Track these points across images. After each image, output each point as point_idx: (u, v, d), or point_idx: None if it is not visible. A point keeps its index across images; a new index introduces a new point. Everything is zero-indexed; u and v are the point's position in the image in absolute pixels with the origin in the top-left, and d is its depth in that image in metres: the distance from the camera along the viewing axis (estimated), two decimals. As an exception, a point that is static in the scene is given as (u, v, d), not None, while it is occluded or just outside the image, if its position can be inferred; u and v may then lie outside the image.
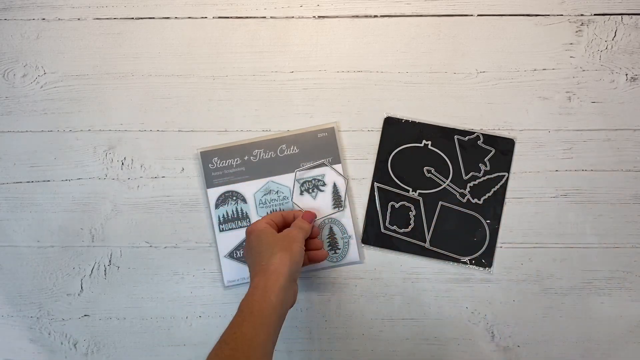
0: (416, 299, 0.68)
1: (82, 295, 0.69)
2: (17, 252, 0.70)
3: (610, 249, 0.67)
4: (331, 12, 0.70)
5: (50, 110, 0.71)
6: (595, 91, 0.68)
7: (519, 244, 0.68)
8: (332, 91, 0.70)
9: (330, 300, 0.69)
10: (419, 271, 0.68)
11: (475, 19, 0.70)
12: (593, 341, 0.67)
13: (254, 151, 0.69)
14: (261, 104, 0.70)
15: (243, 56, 0.70)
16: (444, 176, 0.69)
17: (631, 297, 0.67)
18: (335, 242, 0.68)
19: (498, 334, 0.67)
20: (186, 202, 0.69)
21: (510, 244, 0.68)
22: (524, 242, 0.68)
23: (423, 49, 0.70)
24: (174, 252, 0.69)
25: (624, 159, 0.68)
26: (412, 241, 0.68)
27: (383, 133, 0.69)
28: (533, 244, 0.68)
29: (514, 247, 0.68)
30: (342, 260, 0.68)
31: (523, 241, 0.68)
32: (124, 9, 0.71)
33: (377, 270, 0.68)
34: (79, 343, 0.69)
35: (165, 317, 0.69)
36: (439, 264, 0.68)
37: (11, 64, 0.71)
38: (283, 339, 0.68)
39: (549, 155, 0.68)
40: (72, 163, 0.70)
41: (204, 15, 0.71)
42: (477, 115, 0.69)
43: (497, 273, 0.68)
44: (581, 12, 0.69)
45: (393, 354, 0.68)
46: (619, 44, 0.69)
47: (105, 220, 0.70)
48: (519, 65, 0.69)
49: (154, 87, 0.70)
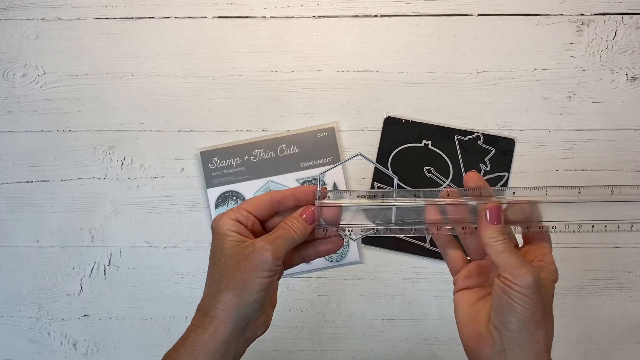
0: (416, 299, 0.68)
1: (82, 295, 0.69)
2: (16, 252, 0.70)
3: (611, 249, 0.67)
4: (331, 12, 0.70)
5: (49, 110, 0.70)
6: (596, 91, 0.68)
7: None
8: (332, 91, 0.70)
9: (330, 300, 0.68)
10: (419, 271, 0.68)
11: (476, 19, 0.70)
12: (593, 341, 0.67)
13: (253, 151, 0.69)
14: (261, 104, 0.70)
15: (243, 56, 0.70)
16: (444, 176, 0.69)
17: (631, 297, 0.67)
18: (335, 242, 0.68)
19: (498, 334, 0.67)
20: (186, 202, 0.69)
21: (510, 244, 0.68)
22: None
23: (423, 49, 0.70)
24: (174, 252, 0.69)
25: (624, 159, 0.68)
26: (412, 241, 0.68)
27: (383, 133, 0.69)
28: (533, 244, 0.68)
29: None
30: (342, 260, 0.68)
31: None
32: (123, 8, 0.71)
33: (377, 270, 0.68)
34: (78, 343, 0.69)
35: (165, 317, 0.69)
36: (439, 264, 0.68)
37: (11, 63, 0.71)
38: (283, 339, 0.68)
39: (549, 155, 0.68)
40: (72, 163, 0.70)
41: (203, 15, 0.71)
42: (477, 115, 0.69)
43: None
44: (581, 12, 0.69)
45: (393, 354, 0.68)
46: (620, 43, 0.69)
47: (105, 220, 0.70)
48: (519, 65, 0.69)
49: (153, 86, 0.70)
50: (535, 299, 0.36)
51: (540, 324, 0.37)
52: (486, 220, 0.39)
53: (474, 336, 0.40)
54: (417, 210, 0.42)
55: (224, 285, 0.39)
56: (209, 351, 0.38)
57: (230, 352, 0.40)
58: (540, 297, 0.37)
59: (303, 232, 0.41)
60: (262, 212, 0.42)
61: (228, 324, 0.39)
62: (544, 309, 0.37)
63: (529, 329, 0.37)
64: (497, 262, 0.38)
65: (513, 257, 0.37)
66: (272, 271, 0.39)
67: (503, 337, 0.38)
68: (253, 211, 0.42)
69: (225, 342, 0.39)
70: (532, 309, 0.36)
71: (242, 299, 0.38)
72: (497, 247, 0.38)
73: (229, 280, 0.39)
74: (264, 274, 0.38)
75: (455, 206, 0.41)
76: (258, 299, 0.39)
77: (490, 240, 0.39)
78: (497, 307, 0.38)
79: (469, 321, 0.41)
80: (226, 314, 0.38)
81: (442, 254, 0.45)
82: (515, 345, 0.37)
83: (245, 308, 0.39)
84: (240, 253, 0.39)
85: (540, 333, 0.37)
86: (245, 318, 0.39)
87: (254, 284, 0.38)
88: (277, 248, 0.39)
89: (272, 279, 0.39)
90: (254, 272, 0.38)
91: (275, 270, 0.39)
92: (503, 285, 0.37)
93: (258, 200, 0.42)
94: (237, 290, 0.38)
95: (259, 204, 0.42)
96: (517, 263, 0.37)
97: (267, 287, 0.39)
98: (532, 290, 0.36)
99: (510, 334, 0.37)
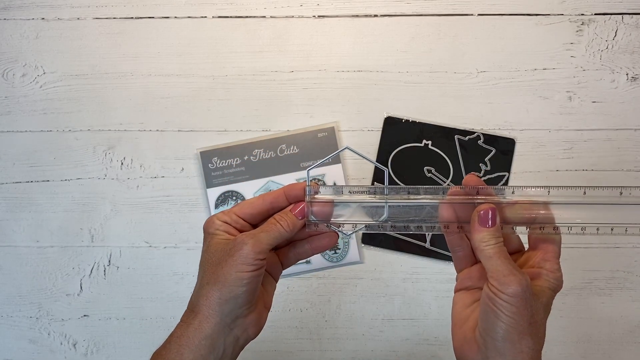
0: (416, 299, 0.68)
1: (82, 295, 0.69)
2: (16, 252, 0.70)
3: (611, 249, 0.67)
4: (331, 12, 0.70)
5: (49, 110, 0.70)
6: (596, 91, 0.68)
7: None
8: (332, 91, 0.70)
9: (330, 300, 0.68)
10: (419, 271, 0.68)
11: (476, 19, 0.70)
12: (593, 341, 0.67)
13: (253, 151, 0.69)
14: (261, 104, 0.70)
15: (243, 56, 0.70)
16: (445, 176, 0.68)
17: (632, 297, 0.67)
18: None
19: (498, 334, 0.67)
20: (186, 202, 0.69)
21: (510, 244, 0.68)
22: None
23: (423, 48, 0.70)
24: (174, 252, 0.69)
25: (624, 159, 0.68)
26: (412, 241, 0.68)
27: (383, 133, 0.69)
28: (533, 244, 0.68)
29: (514, 247, 0.68)
30: (342, 260, 0.68)
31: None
32: (123, 8, 0.71)
33: (377, 270, 0.68)
34: (78, 343, 0.69)
35: (165, 317, 0.69)
36: (439, 264, 0.68)
37: (10, 63, 0.71)
38: (283, 339, 0.68)
39: (550, 155, 0.68)
40: (72, 163, 0.70)
41: (203, 15, 0.71)
42: (477, 115, 0.69)
43: (497, 273, 0.68)
44: (582, 12, 0.69)
45: (393, 354, 0.68)
46: (620, 43, 0.69)
47: (105, 220, 0.69)
48: (519, 65, 0.69)
49: (153, 86, 0.70)
50: (521, 308, 0.35)
51: (524, 333, 0.35)
52: (479, 222, 0.38)
53: (461, 339, 0.40)
54: (413, 207, 0.42)
55: (206, 280, 0.39)
56: (193, 346, 0.38)
57: (217, 349, 0.39)
58: (527, 306, 0.35)
59: (292, 226, 0.40)
60: (254, 215, 0.42)
61: (211, 319, 0.39)
62: (531, 319, 0.36)
63: (512, 338, 0.36)
64: (486, 267, 0.37)
65: (502, 263, 0.36)
66: (253, 265, 0.38)
67: (487, 344, 0.37)
68: (242, 215, 0.41)
69: (209, 338, 0.38)
70: (517, 318, 0.35)
71: (223, 293, 0.38)
72: (488, 252, 0.37)
73: (211, 275, 0.39)
74: (245, 267, 0.38)
75: (462, 205, 0.40)
76: (241, 294, 0.38)
77: (482, 244, 0.38)
78: (483, 314, 0.37)
79: (461, 324, 0.41)
80: (209, 309, 0.39)
81: (451, 251, 0.44)
82: (497, 353, 0.36)
83: (228, 303, 0.38)
84: (223, 249, 0.39)
85: (525, 343, 0.36)
86: (230, 313, 0.39)
87: (235, 277, 0.38)
88: (258, 242, 0.39)
89: (254, 274, 0.38)
90: (235, 265, 0.38)
91: (256, 264, 0.38)
92: (490, 292, 0.36)
93: (248, 203, 0.42)
94: (218, 284, 0.38)
95: (250, 207, 0.42)
96: (506, 270, 0.36)
97: (250, 282, 0.38)
98: (518, 299, 0.35)
99: (493, 342, 0.36)
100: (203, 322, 0.39)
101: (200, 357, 0.38)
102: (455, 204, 0.40)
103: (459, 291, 0.43)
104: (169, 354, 0.38)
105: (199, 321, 0.39)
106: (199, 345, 0.38)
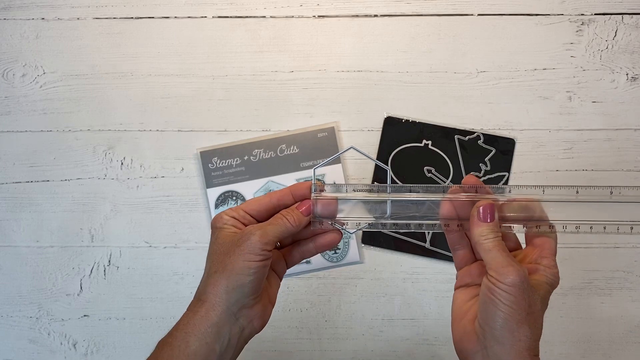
0: (416, 299, 0.68)
1: (82, 295, 0.69)
2: (16, 252, 0.70)
3: (611, 249, 0.67)
4: (331, 12, 0.70)
5: (49, 110, 0.70)
6: (596, 91, 0.68)
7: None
8: (332, 91, 0.70)
9: (330, 300, 0.68)
10: (419, 271, 0.68)
11: (476, 19, 0.70)
12: (593, 341, 0.67)
13: (253, 151, 0.69)
14: (261, 104, 0.70)
15: (243, 56, 0.70)
16: (445, 176, 0.68)
17: (632, 297, 0.67)
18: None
19: (498, 334, 0.67)
20: (186, 202, 0.69)
21: (510, 244, 0.68)
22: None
23: (423, 48, 0.70)
24: (174, 252, 0.69)
25: (624, 159, 0.68)
26: (412, 241, 0.68)
27: (383, 133, 0.69)
28: (533, 244, 0.68)
29: (514, 247, 0.68)
30: (342, 260, 0.68)
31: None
32: (123, 8, 0.71)
33: (377, 270, 0.68)
34: (78, 343, 0.69)
35: (165, 317, 0.69)
36: (439, 264, 0.68)
37: (10, 63, 0.71)
38: (283, 339, 0.68)
39: (550, 155, 0.68)
40: (72, 163, 0.70)
41: (203, 15, 0.71)
42: (477, 115, 0.69)
43: (497, 273, 0.68)
44: (582, 12, 0.69)
45: (393, 354, 0.68)
46: (620, 43, 0.69)
47: (105, 220, 0.69)
48: (519, 65, 0.69)
49: (153, 86, 0.70)
50: (519, 297, 0.36)
51: (522, 322, 0.36)
52: (478, 217, 0.39)
53: (461, 332, 0.41)
54: (415, 204, 0.43)
55: (214, 270, 0.40)
56: (200, 333, 0.39)
57: (223, 337, 0.40)
58: (525, 296, 0.36)
59: (297, 222, 0.42)
60: (261, 212, 0.43)
61: (218, 307, 0.39)
62: (529, 308, 0.37)
63: (510, 327, 0.36)
64: (485, 260, 0.38)
65: (501, 255, 0.38)
66: (260, 255, 0.39)
67: (485, 333, 0.38)
68: (249, 211, 0.43)
69: (215, 325, 0.39)
70: (515, 307, 0.36)
71: (230, 281, 0.39)
72: (487, 245, 0.38)
73: (219, 264, 0.40)
74: (252, 257, 0.39)
75: (461, 203, 0.42)
76: (247, 283, 0.39)
77: (481, 238, 0.39)
78: (482, 305, 0.38)
79: (460, 318, 0.42)
80: (216, 296, 0.39)
81: (451, 249, 0.45)
82: (496, 342, 0.37)
83: (235, 291, 0.39)
84: (231, 240, 0.40)
85: (523, 332, 0.37)
86: (237, 302, 0.40)
87: (242, 267, 0.39)
88: (265, 233, 0.40)
89: (261, 264, 0.39)
90: (242, 255, 0.39)
91: (263, 254, 0.39)
92: (489, 283, 0.37)
93: (256, 201, 0.43)
94: (225, 273, 0.39)
95: (257, 204, 0.43)
96: (504, 261, 0.37)
97: (257, 272, 0.39)
98: (516, 289, 0.36)
99: (492, 331, 0.37)
100: (210, 310, 0.39)
101: (206, 344, 0.39)
102: (455, 202, 0.41)
103: (458, 288, 0.44)
104: (175, 341, 0.39)
105: (205, 309, 0.39)
106: (205, 332, 0.39)
